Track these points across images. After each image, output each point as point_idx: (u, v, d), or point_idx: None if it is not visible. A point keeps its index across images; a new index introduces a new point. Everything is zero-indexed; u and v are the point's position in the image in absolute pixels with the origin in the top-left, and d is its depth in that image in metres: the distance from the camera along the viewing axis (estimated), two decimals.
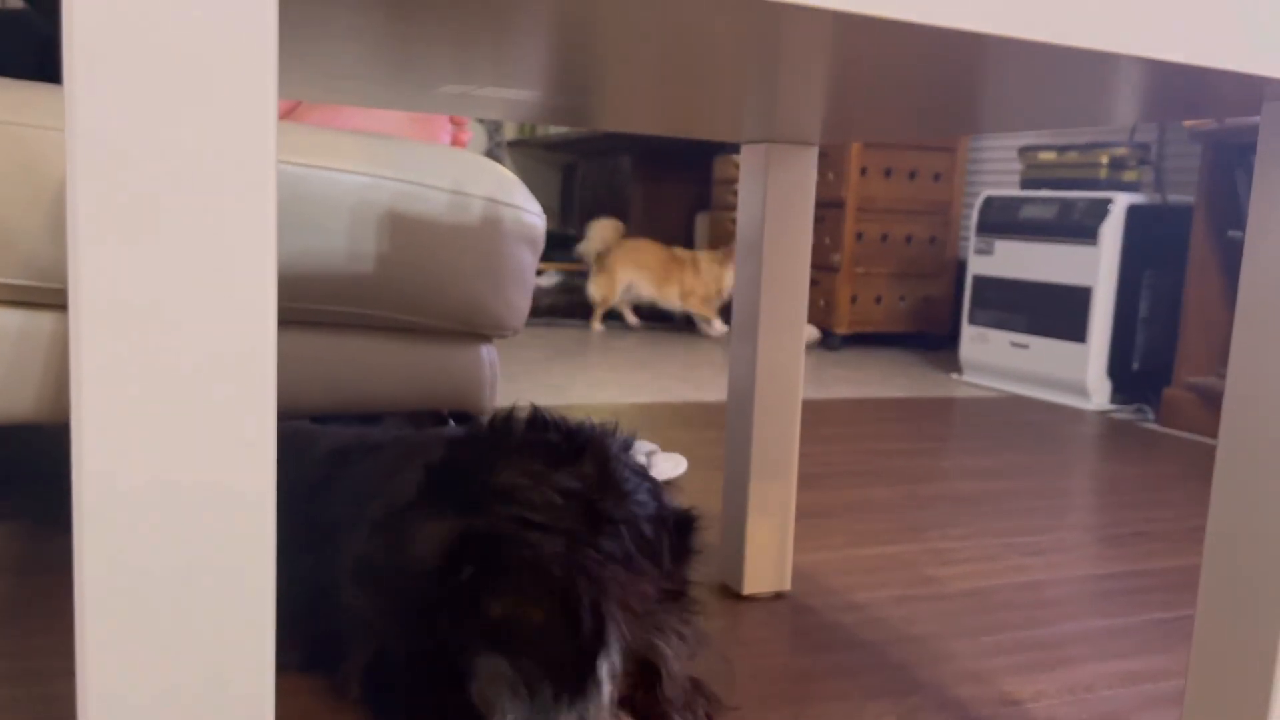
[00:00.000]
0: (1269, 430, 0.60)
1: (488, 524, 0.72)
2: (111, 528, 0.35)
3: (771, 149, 1.07)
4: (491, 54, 0.59)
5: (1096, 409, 2.58)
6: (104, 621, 0.35)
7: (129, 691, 0.36)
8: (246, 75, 0.34)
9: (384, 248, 1.17)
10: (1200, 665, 0.63)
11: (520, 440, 0.81)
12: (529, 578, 0.69)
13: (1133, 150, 2.69)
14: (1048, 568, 1.28)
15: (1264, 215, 0.60)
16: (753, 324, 1.09)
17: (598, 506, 0.77)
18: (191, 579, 0.36)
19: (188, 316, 0.35)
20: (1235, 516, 0.62)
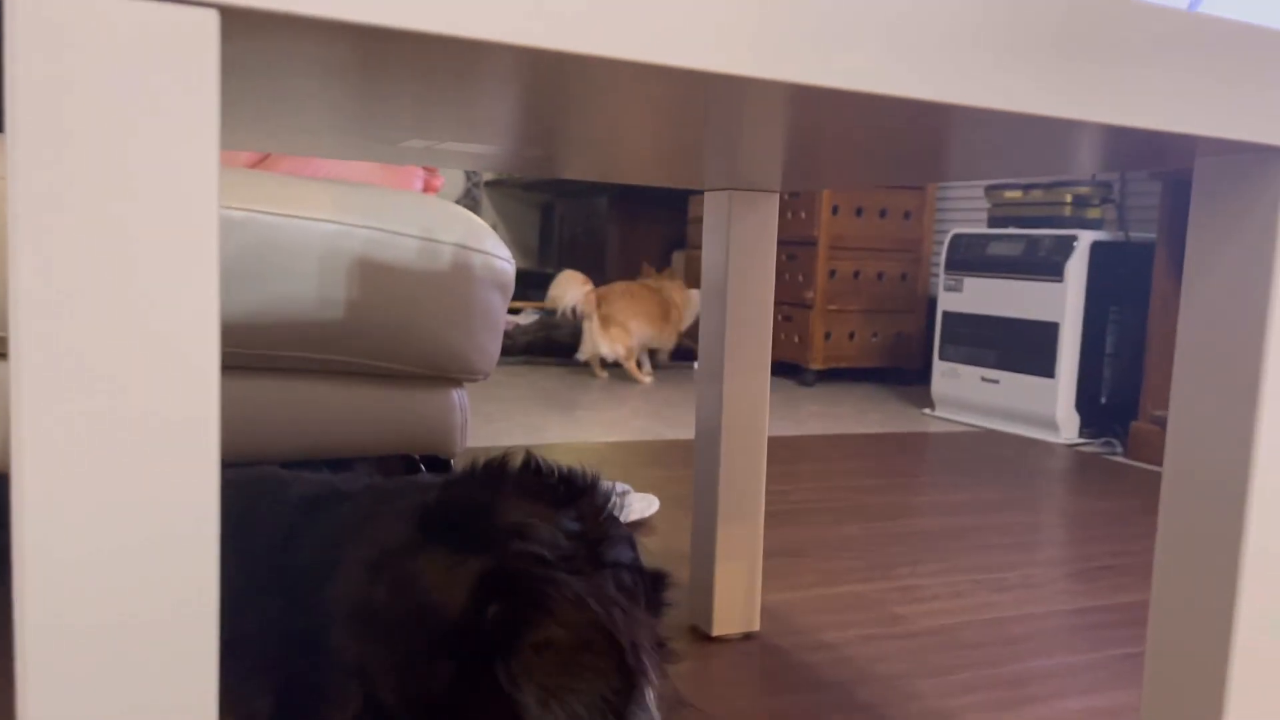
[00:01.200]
0: (1211, 464, 0.62)
1: (511, 561, 0.72)
2: (51, 587, 0.36)
3: (734, 196, 1.09)
4: (453, 112, 0.61)
5: (1066, 442, 2.61)
6: (43, 675, 0.36)
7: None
8: (189, 125, 0.35)
9: (354, 294, 1.18)
10: (1152, 699, 0.65)
11: (517, 482, 0.82)
12: (570, 613, 0.69)
13: (1095, 189, 2.75)
14: (1015, 604, 1.30)
15: (1199, 264, 0.62)
16: (718, 366, 1.11)
17: (597, 549, 0.78)
18: (132, 642, 0.37)
19: (128, 371, 0.36)
20: (1181, 546, 0.63)
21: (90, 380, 0.35)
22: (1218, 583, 0.61)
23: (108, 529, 0.36)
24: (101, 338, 0.35)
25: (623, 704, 0.69)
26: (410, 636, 0.70)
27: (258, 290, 1.13)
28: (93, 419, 0.35)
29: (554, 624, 0.69)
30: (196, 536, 0.37)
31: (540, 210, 5.55)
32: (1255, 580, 0.60)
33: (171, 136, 0.34)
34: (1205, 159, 0.61)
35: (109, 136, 0.33)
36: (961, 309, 2.93)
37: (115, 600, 0.36)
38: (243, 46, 0.41)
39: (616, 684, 0.69)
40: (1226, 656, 0.60)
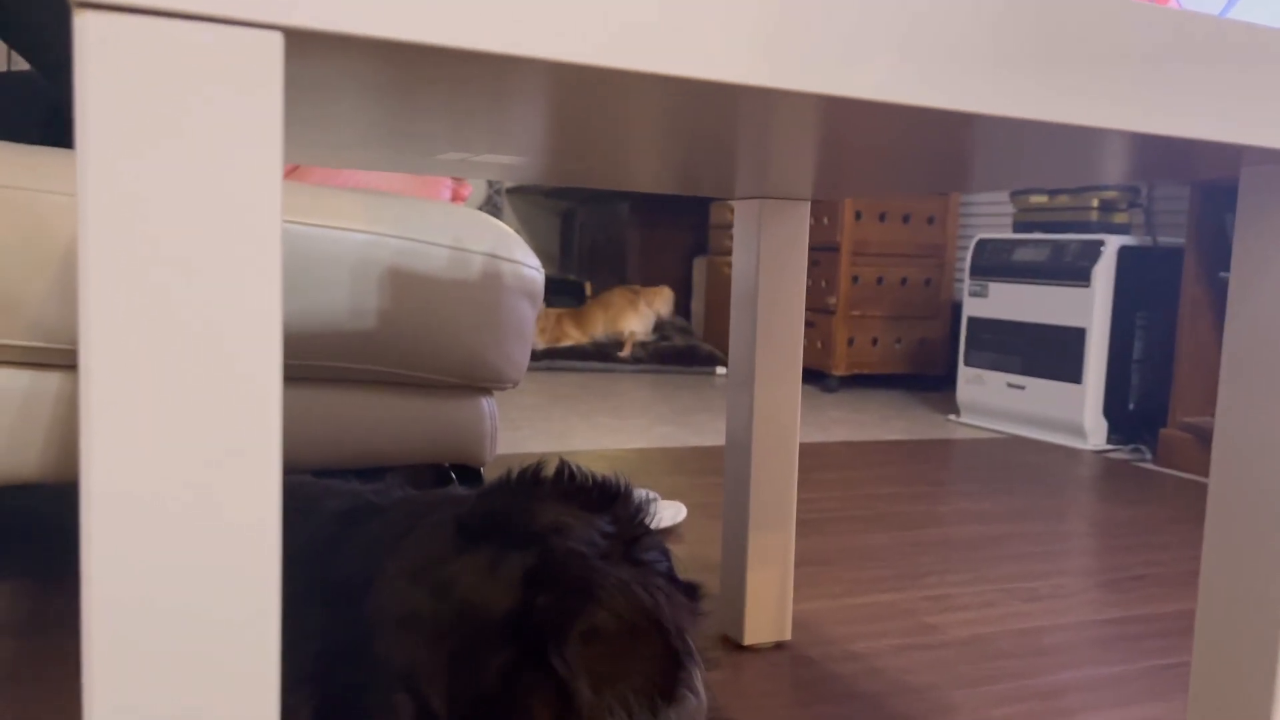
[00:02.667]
0: (1258, 476, 0.61)
1: (557, 553, 0.73)
2: (119, 594, 0.36)
3: (765, 204, 1.09)
4: (489, 126, 0.61)
5: (1093, 449, 2.59)
6: (110, 674, 0.36)
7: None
8: (253, 146, 0.35)
9: (385, 304, 1.19)
10: (1198, 712, 0.64)
11: (552, 488, 0.83)
12: (618, 599, 0.70)
13: (1122, 193, 2.73)
14: (1046, 614, 1.29)
15: (1245, 275, 0.62)
16: (749, 374, 1.11)
17: (633, 551, 0.79)
18: (199, 651, 0.37)
19: (195, 376, 0.36)
20: (1228, 560, 0.63)
21: (158, 393, 0.35)
22: (1265, 594, 0.60)
23: (174, 538, 0.36)
24: (169, 352, 0.35)
25: (671, 687, 0.70)
26: (458, 636, 0.71)
27: (291, 301, 1.14)
28: (159, 430, 0.35)
29: (602, 611, 0.69)
30: (259, 545, 0.38)
31: (561, 217, 5.56)
32: None
33: (237, 155, 0.34)
34: (1251, 169, 0.61)
35: (177, 156, 0.33)
36: (987, 314, 2.91)
37: (180, 605, 0.37)
38: (297, 66, 0.41)
39: (665, 668, 0.70)
40: (1275, 669, 0.59)
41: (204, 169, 0.34)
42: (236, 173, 0.35)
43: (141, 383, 0.35)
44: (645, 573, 0.78)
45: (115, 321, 0.34)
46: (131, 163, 0.33)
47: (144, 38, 0.32)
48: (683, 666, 0.72)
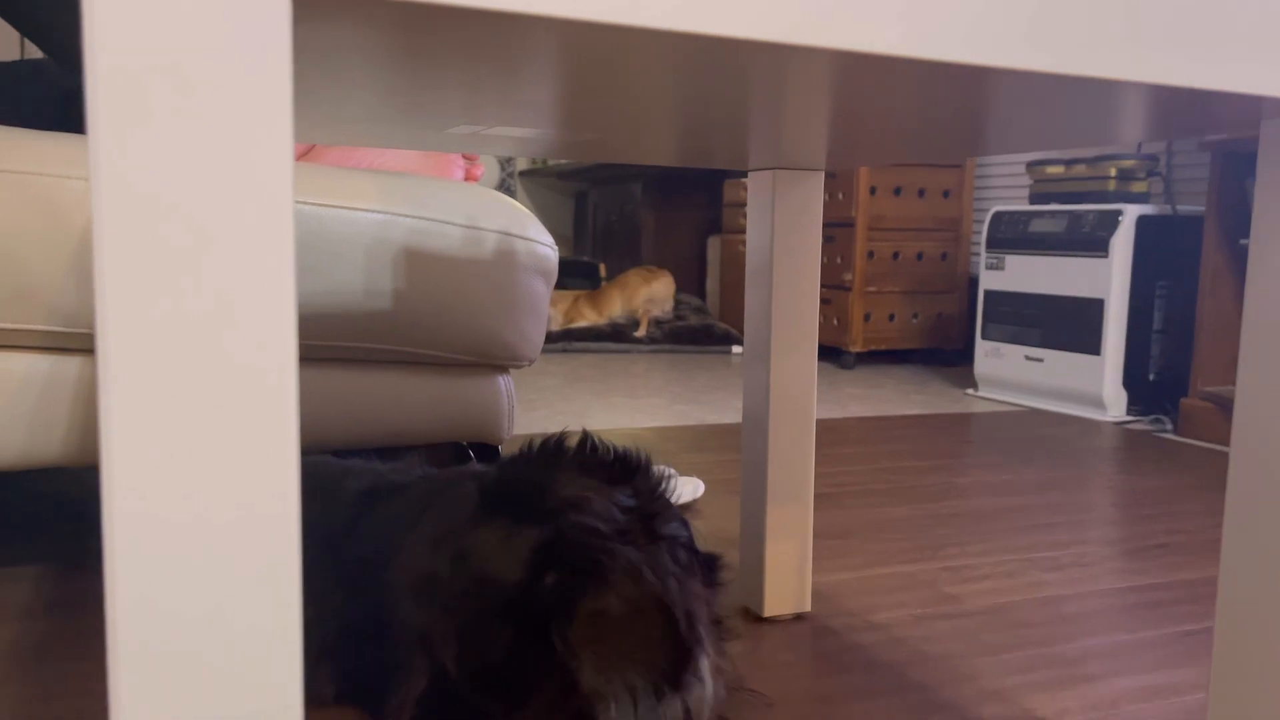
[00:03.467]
0: (1277, 443, 0.60)
1: (570, 531, 0.73)
2: (140, 568, 0.36)
3: (778, 175, 1.08)
4: (500, 97, 0.61)
5: (1113, 421, 2.58)
6: (135, 660, 0.37)
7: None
8: (262, 121, 0.35)
9: (400, 283, 1.19)
10: (1221, 677, 0.64)
11: (574, 460, 0.83)
12: (623, 580, 0.70)
13: (1141, 162, 2.70)
14: (1068, 583, 1.28)
15: (1266, 234, 0.61)
16: (765, 348, 1.11)
17: (653, 524, 0.79)
18: (220, 613, 0.37)
19: (212, 354, 0.36)
20: (1251, 526, 0.62)
21: (175, 375, 0.35)
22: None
23: (193, 517, 0.37)
24: (184, 332, 0.35)
25: (677, 673, 0.70)
26: (470, 605, 0.71)
27: (306, 281, 1.14)
28: (177, 411, 0.36)
29: (610, 593, 0.69)
30: (279, 507, 0.38)
31: (574, 198, 5.55)
32: None
33: (246, 121, 0.34)
34: (1272, 122, 0.60)
35: (185, 122, 0.34)
36: (1004, 287, 2.89)
37: (202, 581, 0.37)
38: (305, 32, 0.41)
39: (671, 653, 0.70)
40: None
41: (212, 137, 0.34)
42: (246, 140, 0.35)
43: (159, 373, 0.35)
44: (660, 553, 0.78)
45: (132, 305, 0.34)
46: (139, 132, 0.33)
47: (153, 5, 0.32)
48: (690, 654, 0.72)
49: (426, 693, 0.78)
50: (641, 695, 0.69)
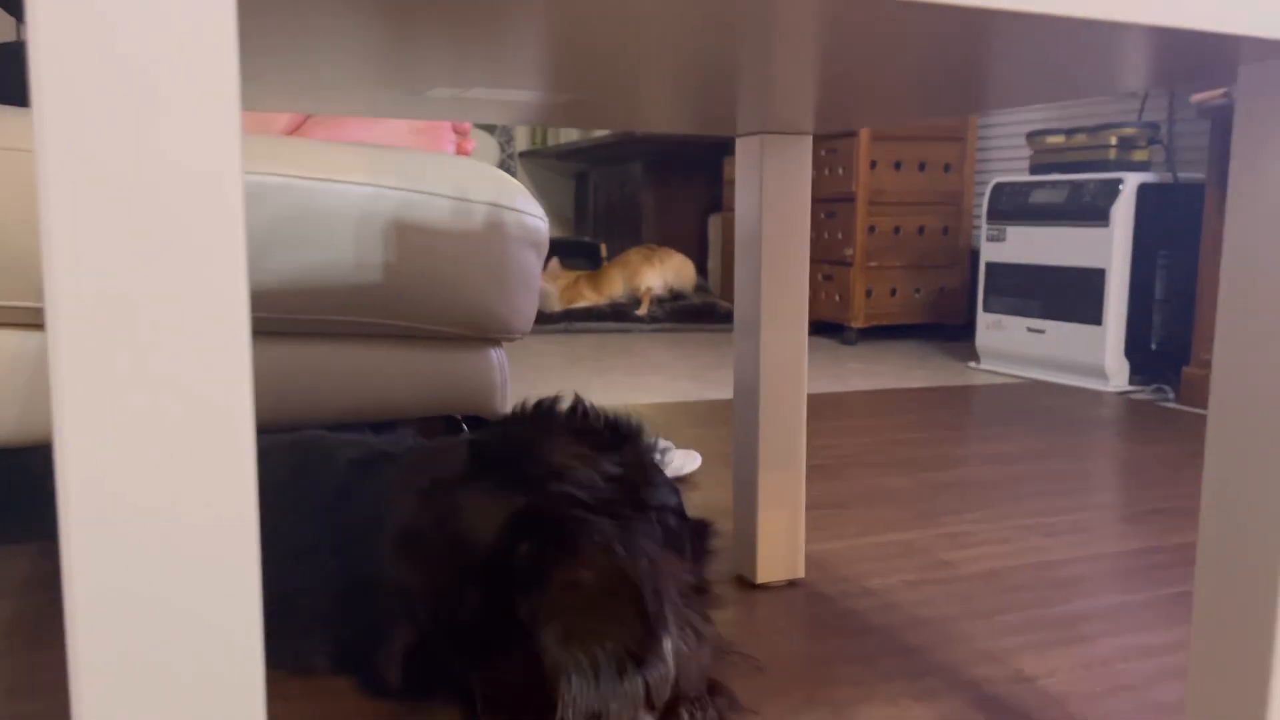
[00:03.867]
0: (1257, 401, 0.60)
1: (546, 502, 0.73)
2: (96, 547, 0.36)
3: (766, 140, 1.08)
4: (481, 53, 0.60)
5: (1115, 390, 2.57)
6: (94, 640, 0.37)
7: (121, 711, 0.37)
8: (208, 93, 0.35)
9: (390, 257, 1.19)
10: (1202, 634, 0.64)
11: (564, 425, 0.83)
12: (594, 554, 0.70)
13: (1141, 130, 2.68)
14: (1065, 548, 1.28)
15: (1243, 187, 0.60)
16: (755, 317, 1.10)
17: (638, 494, 0.79)
18: (177, 595, 0.37)
19: (160, 323, 0.36)
20: (1228, 486, 0.62)
21: (124, 342, 0.35)
22: (1265, 517, 0.59)
23: (150, 491, 0.37)
24: (135, 301, 0.35)
25: (641, 652, 0.69)
26: (445, 564, 0.72)
27: (297, 255, 1.14)
28: (129, 382, 0.35)
29: (581, 567, 0.69)
30: (233, 478, 0.38)
31: (574, 179, 5.54)
32: None
33: (194, 90, 0.34)
34: (1249, 66, 0.59)
35: (130, 90, 0.33)
36: (1005, 259, 2.88)
37: (160, 562, 0.37)
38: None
39: (637, 632, 0.69)
40: (1275, 593, 0.58)
41: (160, 108, 0.34)
42: (192, 109, 0.34)
43: (106, 330, 0.35)
44: (638, 526, 0.77)
45: (79, 275, 0.34)
46: (86, 109, 0.33)
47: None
48: (654, 633, 0.71)
49: (412, 646, 0.79)
50: (603, 670, 0.69)
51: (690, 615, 0.79)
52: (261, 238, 1.11)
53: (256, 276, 1.12)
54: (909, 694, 0.86)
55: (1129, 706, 0.85)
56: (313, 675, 0.88)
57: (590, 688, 0.69)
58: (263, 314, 1.14)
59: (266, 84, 0.73)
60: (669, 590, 0.75)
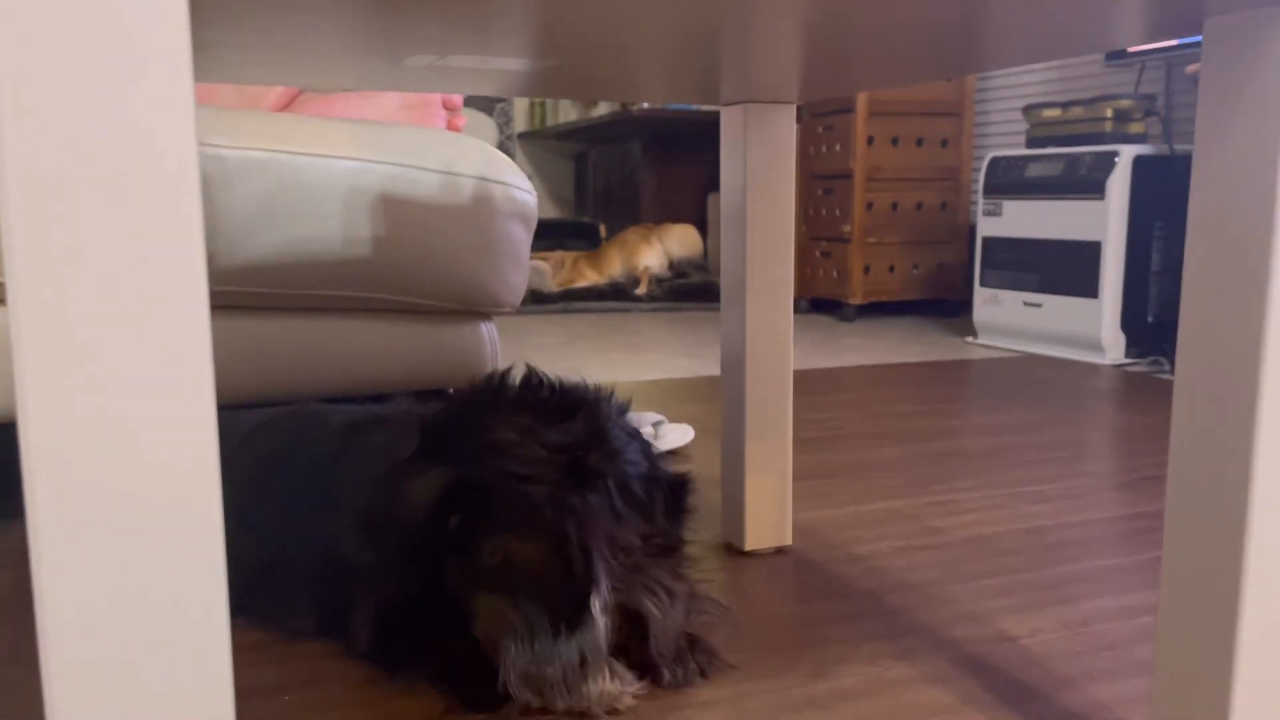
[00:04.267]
0: (1218, 360, 0.60)
1: (476, 474, 0.74)
2: (60, 526, 0.37)
3: (749, 110, 1.08)
4: (465, 14, 0.60)
5: (1112, 363, 2.57)
6: (64, 629, 0.38)
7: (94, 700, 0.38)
8: (163, 64, 0.36)
9: (378, 231, 1.20)
10: (1168, 601, 0.64)
11: (514, 398, 0.84)
12: (520, 520, 0.72)
13: (1138, 102, 2.67)
14: (1054, 514, 1.29)
15: (1206, 137, 0.61)
16: (741, 287, 1.11)
17: (584, 462, 0.79)
18: (146, 578, 0.38)
19: (121, 307, 0.37)
20: (1193, 451, 0.62)
21: (86, 319, 0.36)
22: (1230, 478, 0.60)
23: (115, 464, 0.37)
24: (94, 273, 0.36)
25: (572, 611, 0.71)
26: (391, 542, 0.74)
27: (284, 230, 1.14)
28: (92, 357, 0.36)
29: (508, 535, 0.71)
30: (196, 456, 0.38)
31: (574, 159, 5.53)
32: (1268, 475, 0.59)
33: (149, 59, 0.34)
34: (1215, 19, 0.59)
35: (84, 62, 0.34)
36: (1001, 233, 2.88)
37: (126, 540, 0.38)
38: None
39: (568, 593, 0.71)
40: (1240, 556, 0.59)
41: (112, 83, 0.35)
42: (147, 84, 0.35)
43: (69, 306, 0.36)
44: (569, 495, 0.77)
45: (39, 245, 0.35)
46: (33, 87, 0.34)
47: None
48: (585, 594, 0.72)
49: (375, 617, 0.80)
50: (538, 634, 0.70)
51: (659, 575, 0.80)
52: (249, 212, 1.12)
53: (244, 251, 1.13)
54: (890, 653, 0.87)
55: (1108, 665, 0.86)
56: (302, 638, 0.89)
57: (525, 651, 0.70)
58: (251, 289, 1.15)
59: (246, 53, 0.73)
60: (600, 548, 0.75)
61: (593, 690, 0.76)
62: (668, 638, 0.80)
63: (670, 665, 0.81)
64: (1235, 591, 0.61)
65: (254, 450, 1.00)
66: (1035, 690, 0.81)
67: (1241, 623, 0.60)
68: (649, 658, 0.79)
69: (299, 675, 0.84)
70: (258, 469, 0.98)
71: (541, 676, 0.71)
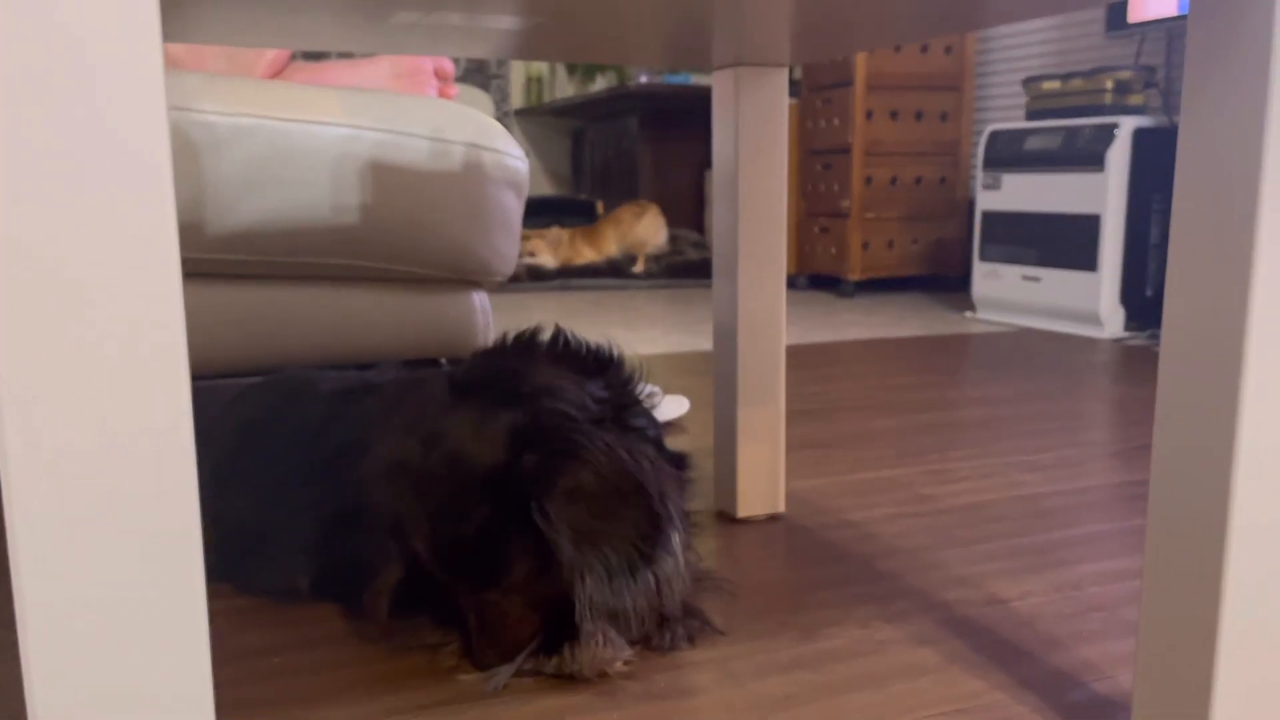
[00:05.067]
0: (1205, 336, 0.60)
1: (545, 415, 0.74)
2: (36, 481, 0.37)
3: (741, 73, 1.07)
4: None
5: (1110, 337, 2.56)
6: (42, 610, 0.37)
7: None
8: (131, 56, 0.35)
9: (368, 198, 1.19)
10: (1152, 568, 0.64)
11: (547, 353, 0.84)
12: (602, 462, 0.71)
13: (1137, 73, 2.65)
14: (1046, 482, 1.29)
15: (1191, 96, 0.60)
16: (733, 254, 1.10)
17: (623, 416, 0.80)
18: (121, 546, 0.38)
19: (91, 273, 0.36)
20: (1178, 417, 0.62)
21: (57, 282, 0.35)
22: (1214, 443, 0.59)
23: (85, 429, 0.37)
24: (69, 246, 0.35)
25: (650, 547, 0.71)
26: (443, 486, 0.72)
27: (272, 197, 1.14)
28: (65, 323, 0.36)
29: (587, 471, 0.70)
30: (171, 422, 0.38)
31: (571, 137, 5.50)
32: (1252, 441, 0.58)
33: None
34: None
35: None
36: (1000, 207, 2.86)
37: (100, 499, 0.38)
38: None
39: (645, 528, 0.71)
40: (1225, 521, 0.59)
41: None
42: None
43: (38, 274, 0.35)
44: (633, 438, 0.79)
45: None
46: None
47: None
48: (662, 530, 0.73)
49: (400, 581, 0.80)
50: (616, 568, 0.70)
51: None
52: (237, 179, 1.11)
53: (233, 218, 1.12)
54: (880, 616, 0.87)
55: (1097, 626, 0.86)
56: (297, 599, 0.89)
57: (604, 586, 0.70)
58: (240, 256, 1.14)
59: (227, 10, 0.73)
60: (671, 490, 0.76)
61: (584, 655, 0.76)
62: (674, 597, 0.80)
63: (662, 628, 0.81)
64: (1219, 553, 0.60)
65: (240, 414, 1.00)
66: (1024, 650, 0.81)
67: (1225, 583, 0.60)
68: (654, 613, 0.79)
69: (290, 638, 0.84)
70: (245, 434, 0.98)
71: (620, 610, 0.71)
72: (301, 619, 0.87)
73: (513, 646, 0.76)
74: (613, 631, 0.78)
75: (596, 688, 0.75)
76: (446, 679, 0.76)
